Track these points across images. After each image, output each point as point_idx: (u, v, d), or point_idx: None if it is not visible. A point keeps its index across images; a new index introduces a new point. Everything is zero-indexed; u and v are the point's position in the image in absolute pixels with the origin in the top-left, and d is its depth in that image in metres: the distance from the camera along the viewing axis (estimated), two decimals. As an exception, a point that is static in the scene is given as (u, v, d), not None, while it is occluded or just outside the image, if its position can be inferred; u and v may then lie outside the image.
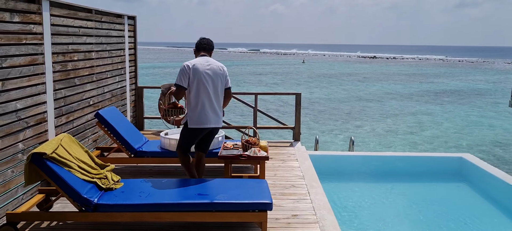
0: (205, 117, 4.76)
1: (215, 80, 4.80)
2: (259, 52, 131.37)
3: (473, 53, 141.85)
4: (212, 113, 4.79)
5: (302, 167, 6.56)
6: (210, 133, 5.00)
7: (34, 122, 5.02)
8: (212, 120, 4.80)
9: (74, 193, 3.98)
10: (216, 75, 4.81)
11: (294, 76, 45.65)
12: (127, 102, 8.43)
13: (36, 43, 5.02)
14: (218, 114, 4.86)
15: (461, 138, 17.26)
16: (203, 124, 4.78)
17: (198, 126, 4.78)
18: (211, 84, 4.76)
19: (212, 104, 4.78)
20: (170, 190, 4.41)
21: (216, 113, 4.83)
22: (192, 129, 4.82)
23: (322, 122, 19.79)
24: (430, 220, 6.24)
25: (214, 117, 4.82)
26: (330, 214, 4.80)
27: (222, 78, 4.86)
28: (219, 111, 4.88)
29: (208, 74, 4.75)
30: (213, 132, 5.02)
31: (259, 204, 4.09)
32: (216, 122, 4.86)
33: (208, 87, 4.73)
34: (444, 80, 43.66)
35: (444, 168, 7.70)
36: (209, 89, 4.75)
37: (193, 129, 4.81)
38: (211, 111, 4.78)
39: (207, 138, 5.04)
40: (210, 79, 4.75)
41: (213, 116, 4.80)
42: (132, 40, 8.68)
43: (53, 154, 4.04)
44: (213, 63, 4.86)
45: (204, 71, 4.74)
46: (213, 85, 4.77)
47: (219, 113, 4.88)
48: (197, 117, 4.75)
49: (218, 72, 4.84)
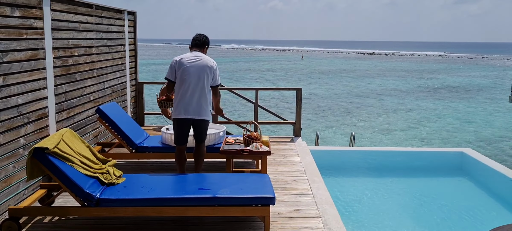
0: (184, 108, 4.91)
1: (200, 75, 4.91)
2: (257, 49, 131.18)
3: (472, 49, 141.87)
4: (192, 105, 4.90)
5: (303, 162, 6.56)
6: (198, 124, 5.04)
7: (35, 117, 5.01)
8: (191, 111, 4.91)
9: (77, 187, 3.97)
10: (202, 70, 4.92)
11: (293, 73, 45.63)
12: (127, 98, 8.41)
13: (37, 38, 5.00)
14: (201, 107, 4.93)
15: (461, 133, 17.27)
16: (181, 115, 4.93)
17: (178, 116, 4.96)
18: (194, 78, 4.88)
19: (192, 97, 4.89)
20: (172, 185, 4.40)
21: (197, 106, 4.91)
22: (175, 119, 5.03)
23: (322, 118, 19.79)
24: (431, 214, 6.25)
25: (195, 109, 4.91)
26: (332, 208, 4.80)
27: (208, 73, 4.95)
28: (203, 105, 4.95)
29: (192, 67, 4.89)
30: (200, 123, 5.03)
31: (262, 199, 4.08)
32: (197, 114, 4.93)
33: (189, 80, 4.87)
34: (444, 76, 43.68)
35: (445, 163, 7.71)
36: (191, 82, 4.88)
37: (175, 119, 5.01)
38: (191, 103, 4.89)
39: (197, 129, 5.09)
40: (193, 73, 4.88)
41: (194, 107, 4.90)
42: (132, 36, 8.66)
43: (55, 148, 4.02)
44: (202, 58, 4.98)
45: (189, 65, 4.90)
46: (196, 78, 4.89)
47: (202, 106, 4.94)
48: (178, 107, 4.96)
49: (205, 67, 4.94)
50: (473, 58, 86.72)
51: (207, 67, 4.95)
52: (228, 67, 50.47)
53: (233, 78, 37.71)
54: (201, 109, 4.95)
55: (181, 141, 5.14)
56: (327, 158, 7.57)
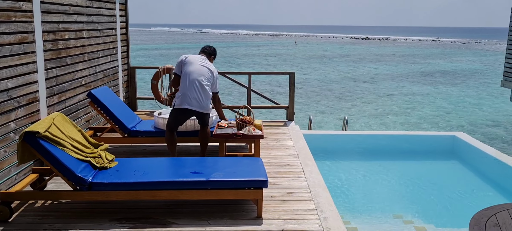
0: (188, 100, 5.21)
1: (204, 75, 5.28)
2: (250, 34, 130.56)
3: (465, 34, 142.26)
4: (195, 100, 5.22)
5: (296, 146, 6.57)
6: (201, 116, 5.36)
7: (26, 101, 4.96)
8: (193, 104, 5.23)
9: (69, 171, 3.95)
10: (205, 72, 5.32)
11: (286, 58, 45.54)
12: (119, 82, 8.35)
13: (26, 21, 4.93)
14: (204, 103, 5.26)
15: (454, 117, 17.38)
16: (184, 105, 5.22)
17: (181, 106, 5.23)
18: (197, 77, 5.23)
19: (194, 93, 5.21)
20: (165, 169, 4.39)
21: (198, 101, 5.23)
22: (177, 109, 5.30)
23: (315, 103, 19.82)
24: (423, 197, 6.31)
25: (199, 102, 5.24)
26: (325, 191, 4.82)
27: (209, 78, 5.33)
28: (206, 99, 5.28)
29: (196, 67, 5.29)
30: (202, 115, 5.35)
31: (255, 182, 4.09)
32: (200, 107, 5.27)
33: (193, 77, 5.22)
34: (437, 61, 43.81)
35: (437, 146, 7.76)
36: (195, 79, 5.22)
37: (177, 109, 5.29)
38: (193, 98, 5.21)
39: (200, 119, 5.42)
40: (196, 73, 5.25)
41: (195, 102, 5.23)
42: (123, 20, 8.56)
43: (46, 132, 3.99)
44: (206, 63, 5.43)
45: (195, 63, 5.31)
46: (199, 77, 5.24)
47: (205, 101, 5.27)
48: (181, 99, 5.24)
49: (207, 71, 5.34)
50: (466, 43, 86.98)
51: (210, 71, 5.38)
52: (221, 52, 50.21)
53: (226, 63, 37.57)
54: (203, 103, 5.27)
55: (175, 128, 5.44)
56: (320, 142, 7.59)
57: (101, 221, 3.99)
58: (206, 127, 5.53)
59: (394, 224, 5.33)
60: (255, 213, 4.19)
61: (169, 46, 61.43)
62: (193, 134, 5.95)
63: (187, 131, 5.96)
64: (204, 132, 5.54)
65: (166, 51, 50.31)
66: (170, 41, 79.77)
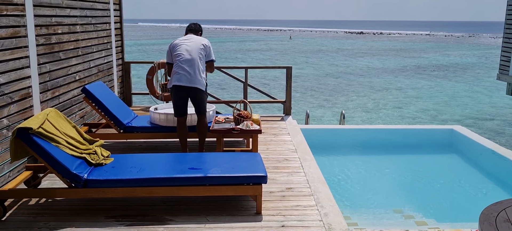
0: (177, 77, 5.17)
1: (192, 50, 5.24)
2: (244, 29, 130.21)
3: (459, 28, 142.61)
4: (185, 74, 5.15)
5: (294, 141, 6.50)
6: (192, 94, 5.25)
7: (19, 97, 4.85)
8: (184, 79, 5.15)
9: (63, 168, 3.85)
10: (194, 46, 5.27)
11: (281, 53, 45.42)
12: (114, 77, 8.23)
13: (18, 15, 4.81)
14: (193, 77, 5.17)
15: (449, 111, 17.38)
16: (175, 82, 5.18)
17: (171, 84, 5.23)
18: (186, 54, 5.20)
19: (184, 66, 5.15)
20: (162, 165, 4.31)
21: (190, 75, 5.15)
22: (171, 89, 5.29)
23: (311, 97, 19.76)
24: (421, 191, 6.26)
25: (187, 77, 5.15)
26: (324, 186, 4.76)
27: (201, 49, 5.28)
28: (196, 74, 5.18)
29: (184, 44, 5.28)
30: (195, 93, 5.24)
31: (254, 177, 4.01)
32: (190, 82, 5.16)
33: (182, 54, 5.20)
34: (431, 55, 43.86)
35: (435, 140, 7.72)
36: (183, 55, 5.20)
37: (171, 89, 5.28)
38: (183, 73, 5.15)
39: (194, 101, 5.33)
40: (185, 49, 5.23)
41: (186, 76, 5.15)
42: (117, 14, 8.44)
43: (39, 128, 3.89)
44: (194, 39, 5.37)
45: (181, 44, 5.29)
46: (188, 53, 5.21)
47: (194, 77, 5.17)
48: (172, 78, 5.26)
49: (197, 44, 5.29)
50: (460, 37, 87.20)
51: (200, 44, 5.31)
52: (216, 47, 49.98)
53: (221, 58, 37.40)
54: (193, 78, 5.16)
55: (180, 111, 5.35)
56: (318, 136, 7.52)
57: (97, 218, 3.90)
58: (202, 117, 5.40)
59: (394, 219, 5.27)
60: (254, 209, 4.12)
61: (164, 41, 61.09)
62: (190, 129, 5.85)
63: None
64: (201, 124, 5.43)
65: (161, 47, 50.02)
66: (165, 35, 79.31)
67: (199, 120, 5.47)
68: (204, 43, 5.34)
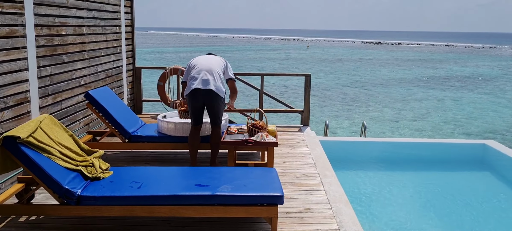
0: (194, 82, 4.91)
1: (210, 62, 5.05)
2: (261, 38, 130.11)
3: (478, 40, 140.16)
4: (200, 80, 4.88)
5: (313, 154, 6.00)
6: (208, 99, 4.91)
7: (14, 102, 4.47)
8: (199, 83, 4.87)
9: (54, 183, 3.43)
10: (211, 60, 5.12)
11: (298, 62, 44.89)
12: (123, 83, 7.85)
13: (15, 13, 4.44)
14: (211, 81, 4.89)
15: (471, 123, 16.63)
16: (191, 87, 4.90)
17: (189, 90, 4.94)
18: (204, 66, 4.99)
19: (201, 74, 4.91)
20: (165, 180, 3.85)
21: (205, 80, 4.88)
22: (188, 98, 5.00)
23: (328, 107, 19.19)
24: (452, 212, 5.68)
25: (202, 82, 4.88)
26: (347, 207, 4.24)
27: (218, 64, 5.09)
28: (215, 80, 4.92)
29: (202, 59, 5.13)
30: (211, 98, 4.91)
31: (269, 197, 3.53)
32: (204, 85, 4.87)
33: (198, 66, 5.00)
34: (451, 66, 42.84)
35: (466, 156, 7.11)
36: (201, 65, 4.99)
37: (187, 95, 4.99)
38: (200, 78, 4.89)
39: (209, 106, 5.00)
40: (202, 62, 5.04)
41: (201, 81, 4.88)
42: (129, 17, 8.07)
43: (29, 137, 3.47)
44: (212, 56, 5.27)
45: (200, 59, 5.12)
46: (205, 66, 4.99)
47: (212, 81, 4.90)
48: (188, 85, 4.99)
49: (216, 59, 5.16)
50: (480, 48, 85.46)
51: (219, 59, 5.21)
52: (233, 56, 49.69)
53: (237, 66, 37.03)
54: (211, 82, 4.89)
55: (196, 119, 5.06)
56: (338, 149, 6.99)
57: (91, 240, 3.45)
58: (217, 128, 5.04)
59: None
60: (268, 233, 3.63)
61: (183, 49, 61.07)
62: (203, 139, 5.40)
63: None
64: (215, 135, 5.06)
65: (178, 55, 49.94)
66: (184, 44, 79.23)
67: (213, 131, 5.08)
68: (223, 60, 5.26)
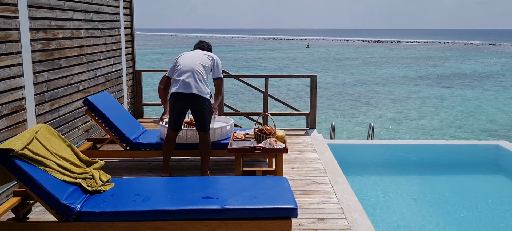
0: (175, 85, 4.71)
1: (194, 60, 4.80)
2: (260, 38, 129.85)
3: (479, 37, 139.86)
4: (182, 82, 4.67)
5: (322, 159, 5.76)
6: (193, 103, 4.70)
7: (9, 110, 4.24)
8: (181, 86, 4.67)
9: (51, 198, 3.19)
10: (197, 57, 4.84)
11: (298, 62, 44.65)
12: (123, 87, 7.62)
13: (9, 16, 4.20)
14: (193, 84, 4.66)
15: (475, 121, 16.42)
16: (171, 90, 4.74)
17: (171, 91, 4.77)
18: (186, 66, 4.74)
19: (183, 75, 4.68)
20: (170, 193, 3.61)
21: (187, 84, 4.65)
22: (170, 100, 4.81)
23: (330, 107, 18.95)
24: (466, 218, 5.43)
25: (184, 85, 4.66)
26: (363, 217, 4.01)
27: (205, 60, 4.83)
28: (198, 82, 4.68)
29: (186, 57, 4.85)
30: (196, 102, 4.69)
31: (282, 210, 3.29)
32: (186, 88, 4.65)
33: (182, 63, 4.78)
34: (452, 63, 42.63)
35: (478, 158, 6.84)
36: (185, 64, 4.76)
37: (170, 98, 4.81)
38: (181, 81, 4.67)
39: (194, 111, 4.77)
40: (185, 62, 4.78)
41: (183, 84, 4.66)
42: (128, 19, 7.84)
43: (24, 150, 3.23)
44: (201, 52, 4.95)
45: (186, 57, 4.87)
46: (188, 66, 4.74)
47: (195, 84, 4.66)
48: (171, 87, 4.81)
49: (201, 55, 4.87)
50: (480, 46, 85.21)
51: (206, 55, 4.90)
52: (232, 56, 49.41)
53: (237, 67, 36.77)
54: (193, 85, 4.65)
55: (175, 123, 4.85)
56: (345, 152, 6.73)
57: (91, 259, 3.21)
58: (206, 134, 4.80)
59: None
60: (281, 248, 3.38)
61: (184, 50, 60.82)
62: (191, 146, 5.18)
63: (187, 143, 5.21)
64: (204, 142, 4.82)
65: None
66: (183, 44, 78.84)
67: (201, 138, 4.84)
68: (211, 56, 4.92)
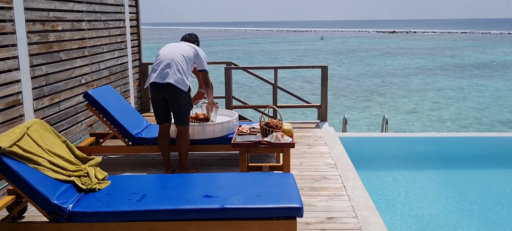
0: (152, 75, 4.52)
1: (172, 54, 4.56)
2: (274, 30, 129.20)
3: (496, 26, 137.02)
4: (159, 72, 4.47)
5: (332, 153, 5.51)
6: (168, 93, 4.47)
7: (4, 105, 4.08)
8: (157, 76, 4.46)
9: (41, 198, 3.02)
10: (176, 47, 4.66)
11: (313, 54, 44.18)
12: (130, 80, 7.45)
13: (2, 7, 4.03)
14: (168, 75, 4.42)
15: (495, 113, 15.92)
16: (149, 80, 4.54)
17: (147, 84, 4.59)
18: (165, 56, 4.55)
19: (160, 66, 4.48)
20: (169, 191, 3.40)
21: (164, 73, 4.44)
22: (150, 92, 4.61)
23: (344, 98, 18.61)
24: (494, 218, 5.10)
25: (161, 75, 4.45)
26: (375, 215, 3.76)
27: (184, 54, 4.59)
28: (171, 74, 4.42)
29: (167, 47, 4.69)
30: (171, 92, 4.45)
31: (286, 209, 3.07)
32: (162, 78, 4.44)
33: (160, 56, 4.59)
34: (470, 53, 41.71)
35: (504, 151, 6.42)
36: (160, 58, 4.56)
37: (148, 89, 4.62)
38: (158, 70, 4.48)
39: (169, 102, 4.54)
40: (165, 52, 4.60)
41: (160, 74, 4.45)
42: (134, 10, 7.66)
43: (13, 147, 3.06)
44: (183, 43, 4.78)
45: (166, 46, 4.73)
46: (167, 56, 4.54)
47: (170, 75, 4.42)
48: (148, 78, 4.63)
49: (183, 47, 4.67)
50: (498, 35, 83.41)
51: (187, 46, 4.69)
52: (245, 48, 49.14)
53: (249, 60, 36.50)
54: (170, 75, 4.42)
55: (158, 117, 4.67)
56: (359, 146, 6.45)
57: (84, 262, 3.03)
58: (182, 128, 4.60)
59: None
60: (286, 249, 3.16)
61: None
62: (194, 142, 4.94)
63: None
64: (180, 137, 4.63)
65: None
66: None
67: (178, 132, 4.66)
68: (194, 47, 4.72)
